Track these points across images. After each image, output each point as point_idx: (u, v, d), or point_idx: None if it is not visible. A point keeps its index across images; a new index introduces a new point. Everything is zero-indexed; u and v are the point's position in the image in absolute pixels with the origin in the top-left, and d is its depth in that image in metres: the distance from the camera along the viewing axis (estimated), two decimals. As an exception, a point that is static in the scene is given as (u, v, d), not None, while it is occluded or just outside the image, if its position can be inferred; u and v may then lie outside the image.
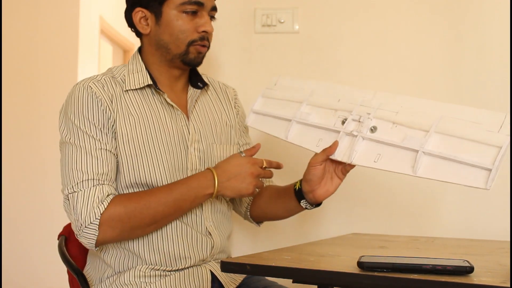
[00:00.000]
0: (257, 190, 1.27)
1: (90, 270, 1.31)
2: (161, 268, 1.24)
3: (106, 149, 1.20)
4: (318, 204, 1.29)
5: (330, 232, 1.68)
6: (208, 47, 1.31)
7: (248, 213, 1.44)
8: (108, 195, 1.16)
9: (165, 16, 1.26)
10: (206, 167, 1.31)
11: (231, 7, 1.80)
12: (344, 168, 1.20)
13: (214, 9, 1.31)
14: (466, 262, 0.88)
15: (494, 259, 1.08)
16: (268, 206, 1.40)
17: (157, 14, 1.26)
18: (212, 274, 1.29)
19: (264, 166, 1.26)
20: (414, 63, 1.73)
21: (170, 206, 1.19)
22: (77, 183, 1.16)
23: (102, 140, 1.20)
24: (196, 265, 1.28)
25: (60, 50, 3.16)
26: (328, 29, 1.78)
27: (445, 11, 1.71)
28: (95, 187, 1.16)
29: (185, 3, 1.25)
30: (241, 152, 1.29)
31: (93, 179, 1.16)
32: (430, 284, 0.81)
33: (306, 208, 1.30)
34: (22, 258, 3.03)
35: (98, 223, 1.14)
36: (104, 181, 1.17)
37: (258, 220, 1.46)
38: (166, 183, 1.24)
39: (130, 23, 1.32)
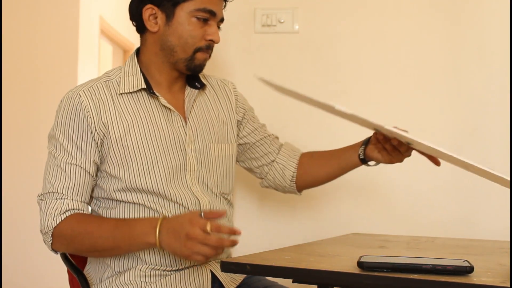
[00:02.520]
0: (199, 257, 1.06)
1: (90, 270, 1.31)
2: (161, 268, 1.24)
3: (76, 164, 1.22)
4: (376, 163, 1.33)
5: (330, 232, 1.68)
6: (209, 56, 1.31)
7: (294, 184, 1.46)
8: (67, 210, 1.20)
9: (177, 18, 1.25)
10: (204, 167, 1.31)
11: (231, 7, 1.79)
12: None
13: (222, 20, 1.32)
14: (466, 262, 0.88)
15: (494, 259, 1.08)
16: (321, 168, 1.43)
17: (169, 15, 1.26)
18: (212, 274, 1.29)
19: (205, 229, 1.04)
20: (414, 63, 1.73)
21: (110, 241, 1.17)
22: (45, 193, 1.23)
23: (76, 155, 1.22)
24: (196, 265, 1.28)
25: (60, 50, 3.16)
26: (328, 29, 1.78)
27: (445, 12, 1.71)
28: (56, 200, 1.21)
29: (200, 10, 1.25)
30: (201, 211, 1.17)
31: (57, 192, 1.21)
32: (430, 284, 0.81)
33: (363, 162, 1.33)
34: (22, 258, 3.02)
35: (51, 235, 1.20)
36: (68, 195, 1.21)
37: (303, 188, 1.48)
38: (164, 187, 1.24)
39: (135, 17, 1.30)
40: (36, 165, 3.04)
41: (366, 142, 1.33)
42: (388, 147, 1.22)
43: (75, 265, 1.28)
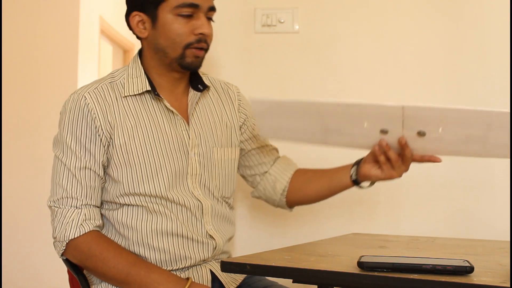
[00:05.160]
0: None
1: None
2: (162, 267, 1.24)
3: (87, 168, 1.21)
4: (371, 184, 1.30)
5: (330, 232, 1.68)
6: (207, 50, 1.28)
7: (284, 199, 1.43)
8: (84, 220, 1.19)
9: (161, 19, 1.24)
10: (206, 171, 1.31)
11: (231, 7, 1.80)
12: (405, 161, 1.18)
13: (211, 9, 1.27)
14: (466, 262, 0.88)
15: (494, 259, 1.08)
16: (310, 185, 1.39)
17: (153, 18, 1.24)
18: (213, 273, 1.29)
19: None
20: (414, 63, 1.73)
21: (123, 276, 1.17)
22: (58, 199, 1.21)
23: (86, 158, 1.21)
24: (196, 265, 1.28)
25: (60, 50, 3.16)
26: (328, 29, 1.78)
27: (445, 12, 1.71)
28: (73, 208, 1.20)
29: (180, 5, 1.22)
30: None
31: (72, 197, 1.20)
32: (430, 284, 0.81)
33: (355, 183, 1.31)
34: (22, 258, 3.02)
35: (65, 245, 1.20)
36: (83, 200, 1.21)
37: (293, 204, 1.46)
38: (166, 191, 1.24)
39: (128, 26, 1.31)
40: (36, 166, 3.05)
41: (358, 163, 1.30)
42: (393, 156, 1.17)
43: (75, 265, 1.28)
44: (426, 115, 1.06)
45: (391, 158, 1.18)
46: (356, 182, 1.31)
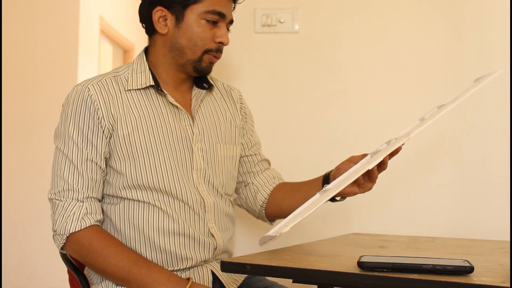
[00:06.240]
0: None
1: (90, 270, 1.31)
2: (163, 267, 1.24)
3: (88, 159, 1.21)
4: (342, 198, 1.25)
5: (330, 232, 1.68)
6: (219, 58, 1.31)
7: (263, 211, 1.43)
8: (86, 214, 1.19)
9: (187, 20, 1.26)
10: (210, 167, 1.31)
11: (231, 7, 1.80)
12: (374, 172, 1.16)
13: (231, 22, 1.32)
14: (466, 262, 0.88)
15: (494, 259, 1.08)
16: (286, 200, 1.38)
17: (179, 17, 1.26)
18: (213, 274, 1.29)
19: None
20: (414, 63, 1.73)
21: (123, 274, 1.17)
22: (59, 191, 1.21)
23: (87, 149, 1.21)
24: (197, 266, 1.28)
25: (60, 50, 3.17)
26: (328, 29, 1.78)
27: (445, 11, 1.71)
28: (74, 201, 1.19)
29: (209, 11, 1.25)
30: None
31: (73, 190, 1.20)
32: (430, 284, 0.81)
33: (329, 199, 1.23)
34: (22, 258, 3.03)
35: (65, 238, 1.19)
36: (84, 193, 1.20)
37: (272, 218, 1.45)
38: (170, 184, 1.24)
39: (146, 19, 1.31)
40: (36, 165, 3.05)
41: (327, 180, 1.26)
42: (374, 171, 1.15)
43: (75, 265, 1.28)
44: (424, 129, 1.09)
45: (372, 175, 1.17)
46: (331, 199, 1.24)
